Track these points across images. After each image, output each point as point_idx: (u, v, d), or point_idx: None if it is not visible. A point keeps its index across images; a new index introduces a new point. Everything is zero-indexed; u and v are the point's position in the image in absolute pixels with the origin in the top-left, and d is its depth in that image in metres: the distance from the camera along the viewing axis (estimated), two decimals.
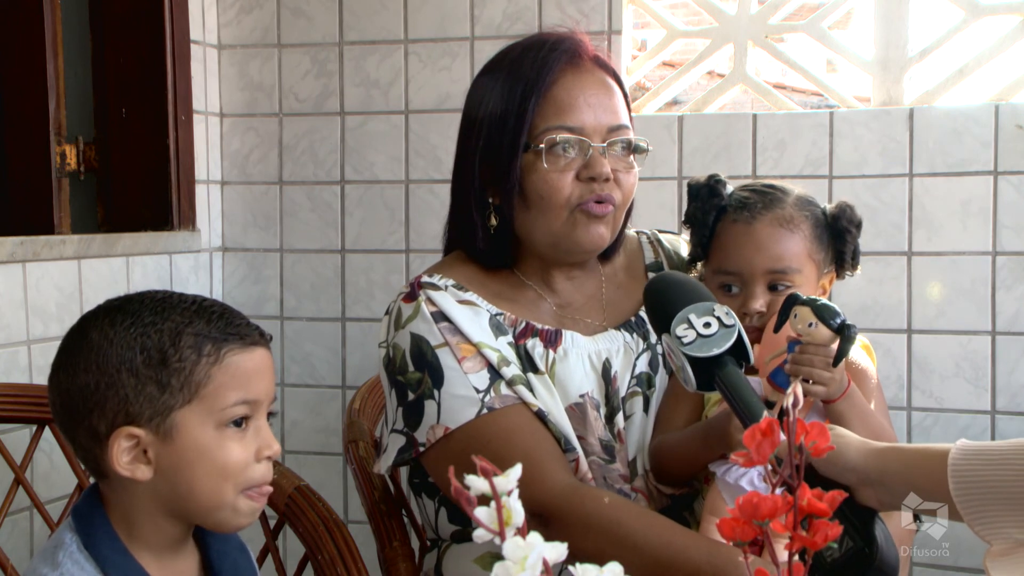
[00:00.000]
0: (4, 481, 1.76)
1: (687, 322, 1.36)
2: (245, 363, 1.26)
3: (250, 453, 1.25)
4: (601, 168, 1.57)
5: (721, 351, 1.34)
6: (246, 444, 1.25)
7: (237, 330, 1.27)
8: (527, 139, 1.59)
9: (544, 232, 1.61)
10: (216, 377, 1.23)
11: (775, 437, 0.78)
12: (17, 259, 2.01)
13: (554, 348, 1.62)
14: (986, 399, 2.20)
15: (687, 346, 1.34)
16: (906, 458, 1.22)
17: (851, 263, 1.66)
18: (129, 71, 2.37)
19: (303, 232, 2.58)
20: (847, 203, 1.66)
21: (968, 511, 1.14)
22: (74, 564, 1.21)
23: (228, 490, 1.24)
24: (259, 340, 1.29)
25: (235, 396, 1.24)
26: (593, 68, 1.63)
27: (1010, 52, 2.23)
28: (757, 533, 0.77)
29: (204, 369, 1.23)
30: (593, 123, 1.59)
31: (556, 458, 1.54)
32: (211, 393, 1.23)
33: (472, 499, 0.70)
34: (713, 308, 1.37)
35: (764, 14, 2.35)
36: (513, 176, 1.59)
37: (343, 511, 2.55)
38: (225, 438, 1.23)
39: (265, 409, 1.28)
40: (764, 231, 1.60)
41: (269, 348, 1.31)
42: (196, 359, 1.23)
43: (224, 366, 1.24)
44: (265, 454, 1.26)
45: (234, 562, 1.34)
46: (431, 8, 2.47)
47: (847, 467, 1.24)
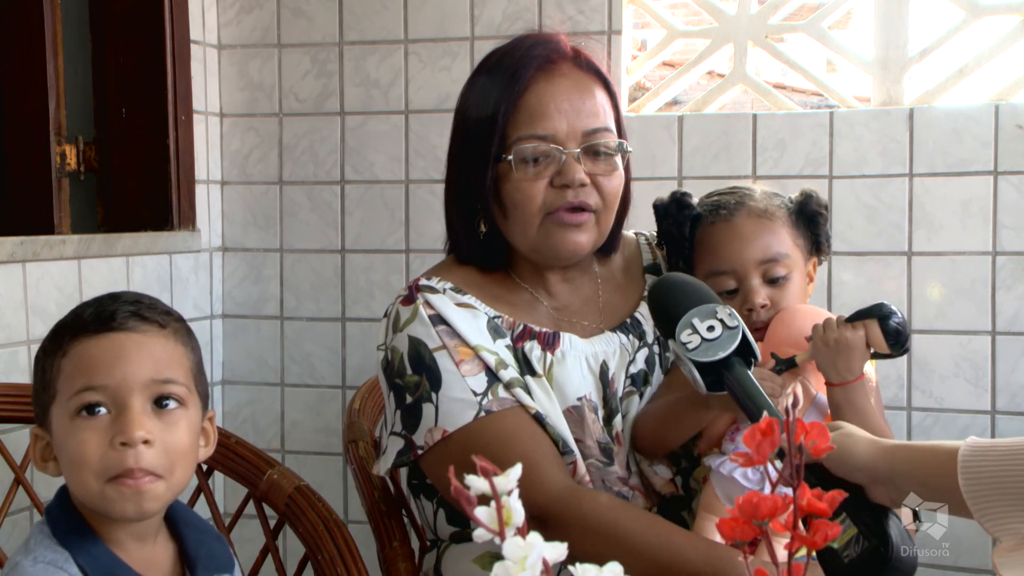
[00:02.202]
0: (4, 481, 1.76)
1: (691, 327, 1.36)
2: (90, 350, 1.24)
3: (104, 441, 1.21)
4: (573, 175, 1.56)
5: (727, 354, 1.34)
6: (100, 432, 1.21)
7: (97, 317, 1.25)
8: (500, 149, 1.58)
9: (521, 239, 1.61)
10: (64, 368, 1.24)
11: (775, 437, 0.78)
12: (17, 259, 2.01)
13: (552, 351, 1.62)
14: (986, 399, 2.20)
15: (693, 352, 1.35)
16: (916, 456, 1.23)
17: (826, 247, 1.70)
18: (129, 71, 2.37)
19: (303, 232, 2.58)
20: (810, 189, 1.70)
21: (978, 508, 1.14)
22: (46, 549, 1.22)
23: (90, 480, 1.21)
24: (119, 326, 1.25)
25: (80, 383, 1.22)
26: (570, 71, 1.61)
27: (1010, 52, 2.23)
28: (756, 533, 0.77)
29: (56, 362, 1.25)
30: (566, 129, 1.57)
31: (554, 461, 1.54)
32: (62, 385, 1.24)
33: (472, 499, 0.70)
34: (716, 311, 1.37)
35: (764, 14, 2.35)
36: (488, 185, 1.59)
37: (343, 511, 2.55)
38: (76, 428, 1.22)
39: (136, 395, 1.22)
40: (746, 225, 1.63)
41: (148, 332, 1.26)
42: (52, 354, 1.26)
43: (69, 356, 1.24)
44: (119, 440, 1.20)
45: (210, 550, 1.34)
46: (431, 8, 2.47)
47: (857, 466, 1.24)
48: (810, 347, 1.53)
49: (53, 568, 1.21)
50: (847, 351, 1.50)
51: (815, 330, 1.53)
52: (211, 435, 1.35)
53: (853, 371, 1.51)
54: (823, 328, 1.52)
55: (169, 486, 1.25)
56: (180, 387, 1.26)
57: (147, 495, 1.22)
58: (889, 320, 1.50)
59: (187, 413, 1.27)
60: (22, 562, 1.21)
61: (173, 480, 1.25)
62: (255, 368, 2.62)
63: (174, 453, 1.24)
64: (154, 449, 1.22)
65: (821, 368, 1.53)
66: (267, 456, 1.73)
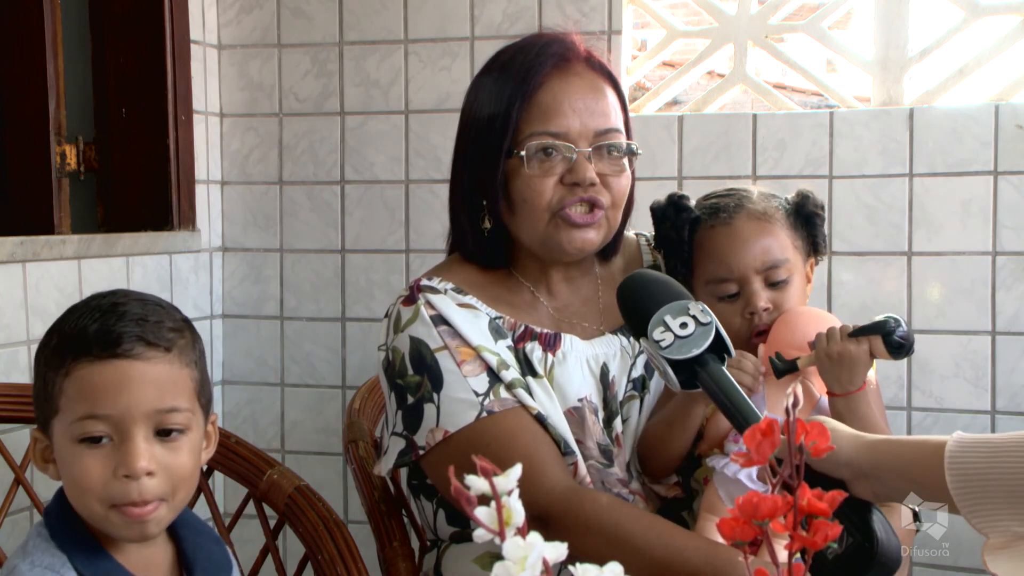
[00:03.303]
0: (4, 481, 1.76)
1: (663, 324, 1.34)
2: (93, 376, 1.20)
3: (108, 470, 1.19)
4: (584, 173, 1.57)
5: (700, 351, 1.33)
6: (103, 460, 1.19)
7: (102, 340, 1.21)
8: (512, 144, 1.59)
9: (529, 235, 1.62)
10: (67, 389, 1.21)
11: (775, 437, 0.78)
12: (17, 259, 2.01)
13: (553, 352, 1.62)
14: (986, 399, 2.20)
15: (665, 349, 1.33)
16: (900, 450, 1.21)
17: (823, 247, 1.70)
18: (129, 71, 2.37)
19: (303, 232, 2.58)
20: (807, 190, 1.70)
21: (965, 504, 1.13)
22: (43, 552, 1.22)
23: (93, 504, 1.20)
24: (125, 352, 1.21)
25: (82, 410, 1.20)
26: (584, 71, 1.62)
27: (1010, 52, 2.23)
28: (756, 533, 0.77)
29: (59, 380, 1.22)
30: (579, 128, 1.58)
31: (555, 461, 1.54)
32: (64, 405, 1.21)
33: (472, 499, 0.70)
34: (688, 307, 1.35)
35: (764, 14, 2.35)
36: (498, 179, 1.59)
37: (343, 511, 2.55)
38: (80, 454, 1.20)
39: (139, 425, 1.20)
40: (745, 228, 1.62)
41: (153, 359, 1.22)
42: (55, 369, 1.22)
43: (72, 379, 1.21)
44: (121, 472, 1.19)
45: (208, 553, 1.33)
46: (431, 8, 2.47)
47: (840, 461, 1.22)
48: (812, 353, 1.53)
49: (50, 573, 1.20)
50: (850, 364, 1.49)
51: (818, 340, 1.52)
52: (212, 437, 1.34)
53: (855, 383, 1.50)
54: (826, 340, 1.51)
55: (172, 507, 1.25)
56: (183, 414, 1.24)
57: (151, 522, 1.22)
58: (893, 335, 1.49)
59: (190, 436, 1.26)
60: (19, 566, 1.21)
61: (176, 501, 1.25)
62: (255, 368, 2.63)
63: (177, 477, 1.23)
64: (156, 479, 1.21)
65: (823, 378, 1.52)
66: (267, 456, 1.73)
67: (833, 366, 1.50)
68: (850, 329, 1.51)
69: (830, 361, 1.50)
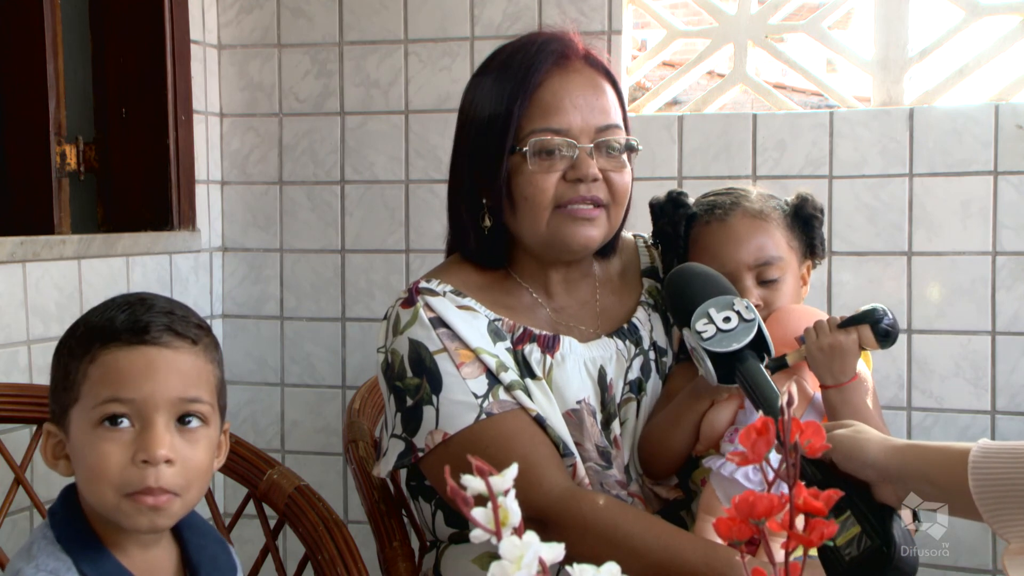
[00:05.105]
0: (4, 481, 1.76)
1: (707, 316, 1.37)
2: (119, 361, 1.21)
3: (126, 456, 1.19)
4: (587, 169, 1.57)
5: (741, 346, 1.34)
6: (122, 446, 1.20)
7: (131, 327, 1.22)
8: (513, 141, 1.59)
9: (532, 233, 1.61)
10: (92, 375, 1.22)
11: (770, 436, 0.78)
12: (17, 259, 2.01)
13: (551, 354, 1.62)
14: (986, 399, 2.20)
15: (707, 341, 1.35)
16: (927, 455, 1.23)
17: (820, 250, 1.70)
18: (129, 71, 2.37)
19: (303, 232, 2.58)
20: (807, 192, 1.70)
21: (988, 510, 1.15)
22: (48, 555, 1.21)
23: (107, 492, 1.20)
24: (153, 340, 1.22)
25: (106, 393, 1.20)
26: (583, 68, 1.62)
27: (1010, 52, 2.23)
28: (753, 532, 0.77)
29: (83, 367, 1.22)
30: (580, 124, 1.58)
31: (554, 462, 1.54)
32: (87, 391, 1.22)
33: (469, 499, 0.70)
34: (733, 302, 1.38)
35: (764, 14, 2.35)
36: (500, 177, 1.59)
37: (343, 511, 2.55)
38: (98, 438, 1.20)
39: (161, 412, 1.21)
40: (740, 225, 1.63)
41: (180, 348, 1.24)
42: (79, 358, 1.23)
43: (98, 364, 1.22)
44: (140, 458, 1.19)
45: (213, 555, 1.33)
46: (431, 8, 2.47)
47: (867, 463, 1.24)
48: (801, 347, 1.54)
49: None
50: (841, 355, 1.50)
51: (808, 335, 1.53)
52: (224, 447, 1.33)
53: (847, 373, 1.51)
54: (816, 333, 1.52)
55: (184, 503, 1.24)
56: (205, 405, 1.25)
57: (162, 513, 1.22)
58: (881, 323, 1.51)
59: (208, 431, 1.26)
60: (24, 569, 1.20)
61: (188, 497, 1.24)
62: (255, 368, 2.63)
63: (193, 471, 1.23)
64: (174, 468, 1.21)
65: (815, 371, 1.53)
66: (267, 456, 1.73)
67: (824, 358, 1.51)
68: (838, 321, 1.52)
69: (821, 354, 1.51)
